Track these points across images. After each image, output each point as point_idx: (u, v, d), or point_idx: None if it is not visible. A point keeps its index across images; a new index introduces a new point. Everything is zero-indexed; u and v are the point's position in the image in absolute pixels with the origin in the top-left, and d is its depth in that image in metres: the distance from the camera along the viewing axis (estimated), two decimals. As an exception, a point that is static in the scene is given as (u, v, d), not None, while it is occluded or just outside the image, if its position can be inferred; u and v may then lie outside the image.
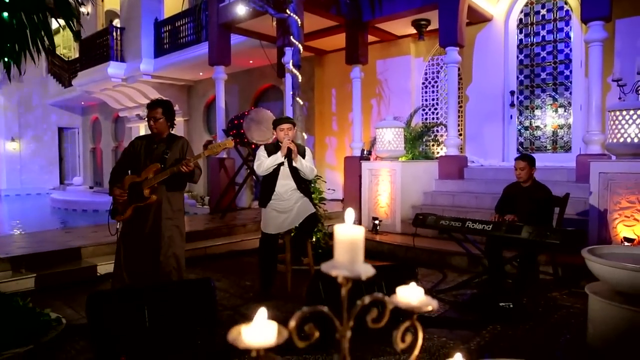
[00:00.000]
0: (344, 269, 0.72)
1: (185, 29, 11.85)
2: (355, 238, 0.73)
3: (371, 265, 0.77)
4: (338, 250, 0.74)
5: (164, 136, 3.69)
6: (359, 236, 0.74)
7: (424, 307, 0.84)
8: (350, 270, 0.72)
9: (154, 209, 3.57)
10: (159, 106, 3.63)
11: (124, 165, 3.74)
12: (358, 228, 0.74)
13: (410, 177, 6.68)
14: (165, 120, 3.64)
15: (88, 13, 15.04)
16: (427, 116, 9.16)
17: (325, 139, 11.00)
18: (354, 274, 0.72)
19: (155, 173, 3.53)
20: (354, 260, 0.73)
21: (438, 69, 8.99)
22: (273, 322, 0.72)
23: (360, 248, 0.74)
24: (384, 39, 9.20)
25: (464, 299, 4.16)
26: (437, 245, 5.48)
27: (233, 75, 12.55)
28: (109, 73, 12.88)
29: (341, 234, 0.73)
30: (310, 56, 10.71)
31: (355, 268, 0.72)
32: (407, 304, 0.85)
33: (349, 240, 0.73)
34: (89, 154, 18.77)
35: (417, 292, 0.86)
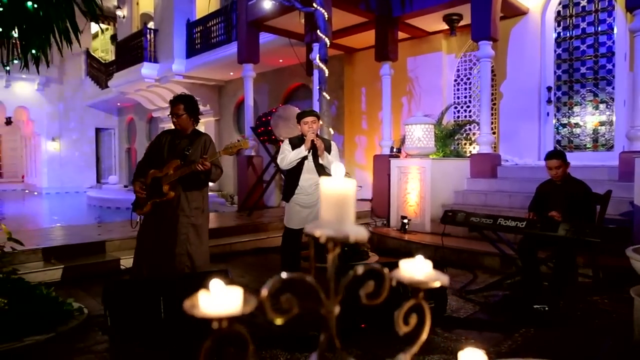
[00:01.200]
0: (329, 229, 0.60)
1: (216, 29, 11.96)
2: (343, 193, 0.61)
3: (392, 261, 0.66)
4: (324, 207, 0.62)
5: (188, 132, 3.65)
6: (349, 191, 0.62)
7: (431, 282, 0.72)
8: (337, 230, 0.60)
9: (172, 206, 3.53)
10: (180, 102, 3.59)
11: (148, 158, 3.72)
12: (348, 181, 0.63)
13: (440, 175, 6.46)
14: (188, 116, 3.59)
15: (124, 16, 15.44)
16: (459, 114, 8.89)
17: (355, 138, 10.86)
18: (341, 234, 0.61)
19: (175, 169, 3.48)
20: (341, 219, 0.61)
21: (471, 65, 8.71)
22: (238, 287, 0.61)
23: (350, 205, 0.63)
24: (415, 36, 9.00)
25: (494, 300, 3.95)
26: (468, 245, 5.26)
27: (263, 75, 12.59)
28: (142, 74, 13.15)
29: (327, 188, 0.61)
30: (339, 54, 10.60)
31: (343, 228, 0.61)
32: (410, 278, 0.72)
33: (337, 196, 0.61)
34: (124, 154, 19.26)
35: (423, 265, 0.73)
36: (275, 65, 11.91)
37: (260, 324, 3.37)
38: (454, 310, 3.67)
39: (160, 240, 3.50)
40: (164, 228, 3.51)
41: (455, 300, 3.92)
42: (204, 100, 14.46)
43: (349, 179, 0.67)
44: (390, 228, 6.77)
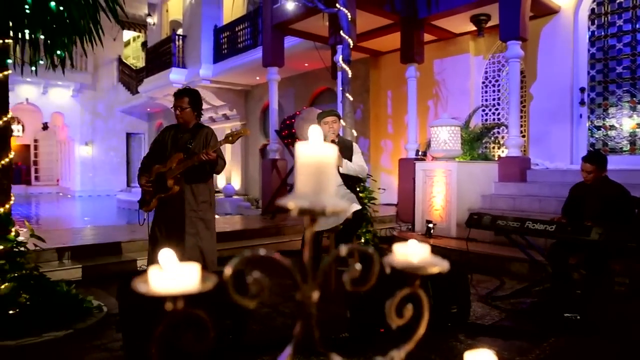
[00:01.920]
0: (303, 200, 0.53)
1: (242, 34, 12.09)
2: (321, 160, 0.54)
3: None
4: (299, 177, 0.55)
5: (190, 126, 3.62)
6: (328, 158, 0.54)
7: (428, 267, 0.63)
8: (313, 201, 0.53)
9: (178, 201, 3.50)
10: (186, 95, 3.58)
11: (153, 154, 3.70)
12: (327, 146, 0.55)
13: (466, 179, 6.28)
14: (191, 110, 3.57)
15: (154, 23, 15.80)
16: (487, 117, 8.67)
17: (381, 142, 10.74)
18: (317, 206, 0.53)
19: (178, 163, 3.46)
20: (319, 190, 0.53)
21: (499, 67, 8.49)
22: (195, 264, 0.54)
23: (329, 174, 0.55)
24: (442, 37, 8.84)
25: (522, 307, 3.77)
26: (495, 251, 5.07)
27: (289, 79, 12.63)
28: (170, 79, 13.39)
29: (303, 153, 0.54)
30: (365, 58, 10.53)
31: (321, 199, 0.53)
32: (405, 263, 0.64)
33: (314, 163, 0.54)
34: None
35: (419, 248, 0.65)
36: (301, 69, 11.93)
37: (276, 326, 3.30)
38: (479, 317, 3.52)
39: (170, 237, 3.48)
40: (172, 224, 3.49)
41: (481, 306, 3.76)
42: (230, 105, 14.61)
43: (371, 179, 0.60)
44: (415, 233, 6.61)
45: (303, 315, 0.62)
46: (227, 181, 15.20)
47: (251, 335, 3.13)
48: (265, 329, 3.27)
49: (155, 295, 0.52)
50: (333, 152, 0.55)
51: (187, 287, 0.52)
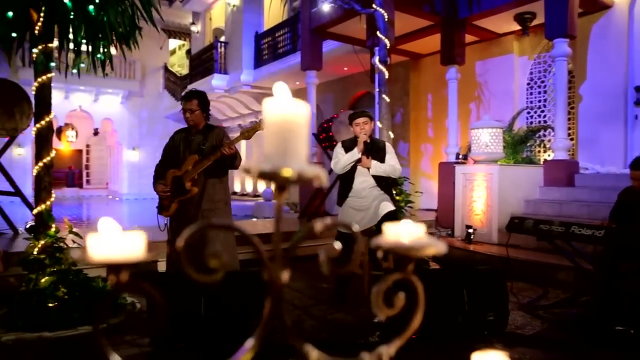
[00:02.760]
0: (268, 163, 0.47)
1: (283, 39, 12.21)
2: (290, 118, 0.48)
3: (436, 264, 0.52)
4: (266, 139, 0.49)
5: (201, 127, 3.62)
6: (298, 117, 0.48)
7: (422, 250, 0.56)
8: (277, 164, 0.47)
9: (195, 202, 3.50)
10: (195, 97, 3.58)
11: (165, 160, 3.71)
12: (298, 103, 0.49)
13: (509, 183, 6.02)
14: (201, 112, 3.58)
15: (198, 31, 16.25)
16: (532, 119, 8.31)
17: (421, 146, 10.53)
18: (280, 170, 0.47)
19: (194, 165, 3.46)
20: (284, 152, 0.47)
21: (545, 67, 8.13)
22: (140, 231, 0.49)
23: (299, 136, 0.49)
24: (484, 38, 8.57)
25: (567, 318, 3.54)
26: (538, 258, 4.81)
27: (328, 84, 12.64)
28: (212, 85, 13.70)
29: (269, 112, 0.48)
30: (404, 61, 10.38)
31: (286, 162, 0.47)
32: (394, 243, 0.57)
33: (281, 122, 0.48)
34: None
35: (412, 227, 0.57)
36: (340, 73, 11.90)
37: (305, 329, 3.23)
38: (519, 326, 3.32)
39: (191, 240, 3.47)
40: (190, 225, 3.49)
41: (522, 315, 3.56)
42: (270, 110, 14.78)
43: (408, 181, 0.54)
44: (455, 238, 6.40)
45: (272, 296, 0.56)
46: (267, 185, 15.36)
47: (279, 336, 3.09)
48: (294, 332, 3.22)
49: (94, 263, 0.47)
50: (304, 112, 0.49)
51: (130, 255, 0.47)
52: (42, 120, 3.35)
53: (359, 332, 3.21)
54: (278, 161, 0.46)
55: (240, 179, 17.13)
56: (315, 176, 0.49)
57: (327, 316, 3.57)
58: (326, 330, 3.27)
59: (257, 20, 13.45)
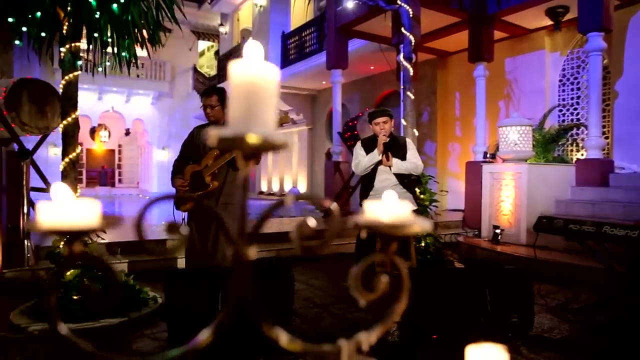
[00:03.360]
0: (232, 128, 0.44)
1: (309, 39, 12.22)
2: (256, 80, 0.44)
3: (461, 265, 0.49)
4: (232, 101, 0.45)
5: (221, 123, 3.59)
6: (266, 79, 0.45)
7: (403, 228, 0.52)
8: (241, 129, 0.43)
9: (215, 197, 3.48)
10: (215, 93, 3.57)
11: (184, 155, 3.69)
12: (266, 65, 0.45)
13: (539, 182, 5.83)
14: (221, 108, 3.56)
15: (226, 33, 16.44)
16: (564, 117, 8.04)
17: (448, 146, 10.35)
18: (243, 136, 0.43)
19: (214, 159, 3.45)
20: (249, 116, 0.44)
21: (579, 63, 7.85)
22: (93, 200, 0.47)
23: (267, 99, 0.45)
24: (514, 34, 8.35)
25: (598, 322, 3.38)
26: (568, 259, 4.63)
27: (354, 83, 12.59)
28: (240, 85, 13.83)
29: (235, 74, 0.45)
30: (432, 59, 10.23)
31: (251, 128, 0.43)
32: (372, 221, 0.53)
33: (245, 83, 0.44)
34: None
35: (395, 205, 0.53)
36: (367, 72, 11.83)
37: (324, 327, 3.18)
38: (547, 329, 3.20)
39: (205, 236, 3.47)
40: (208, 224, 3.47)
41: (549, 319, 3.42)
42: (297, 110, 14.82)
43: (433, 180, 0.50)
44: (482, 239, 6.24)
45: (237, 272, 0.52)
46: (293, 184, 15.41)
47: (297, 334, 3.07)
48: (312, 329, 3.19)
49: (44, 231, 0.45)
50: (274, 76, 0.46)
51: (82, 224, 0.45)
52: (69, 117, 3.43)
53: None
54: (242, 127, 0.43)
55: (267, 179, 17.24)
56: (283, 144, 0.46)
57: (347, 315, 3.53)
58: (345, 328, 3.22)
59: (283, 21, 13.52)
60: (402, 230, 0.51)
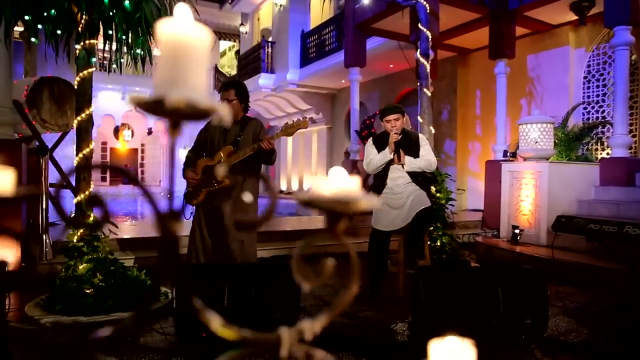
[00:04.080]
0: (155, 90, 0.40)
1: (329, 37, 12.19)
2: (184, 40, 0.41)
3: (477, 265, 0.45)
4: (159, 63, 0.42)
5: (238, 118, 3.56)
6: (194, 39, 0.41)
7: (346, 204, 0.48)
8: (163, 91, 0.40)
9: (225, 194, 3.44)
10: (232, 87, 3.53)
11: (198, 147, 3.66)
12: (197, 27, 0.42)
13: (560, 182, 5.65)
14: (238, 102, 3.51)
15: (246, 32, 16.54)
16: (589, 115, 7.80)
17: (469, 144, 10.17)
18: (163, 98, 0.40)
19: (228, 155, 3.42)
20: (176, 79, 0.40)
21: (605, 59, 7.60)
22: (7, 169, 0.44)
23: (194, 60, 0.42)
24: (537, 30, 8.14)
25: (619, 327, 3.24)
26: (589, 261, 4.48)
27: (374, 81, 12.50)
28: (259, 84, 13.89)
29: (164, 33, 0.41)
30: (452, 56, 10.07)
31: (176, 90, 0.40)
32: (313, 196, 0.49)
33: (172, 44, 0.41)
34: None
35: (340, 180, 0.49)
36: (386, 70, 11.73)
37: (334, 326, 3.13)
38: (563, 332, 3.09)
39: (214, 230, 3.45)
40: (218, 218, 3.44)
41: (567, 321, 3.31)
42: (316, 109, 14.80)
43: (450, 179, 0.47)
44: (500, 239, 6.10)
45: (166, 245, 0.49)
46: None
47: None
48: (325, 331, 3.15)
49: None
50: (204, 37, 0.42)
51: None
52: (83, 114, 3.48)
53: (388, 330, 3.10)
54: (165, 90, 0.40)
55: (287, 178, 17.27)
56: (211, 109, 0.42)
57: (358, 314, 3.47)
58: (354, 327, 3.18)
59: (303, 20, 13.53)
60: (346, 207, 0.47)
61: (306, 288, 0.54)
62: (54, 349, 0.70)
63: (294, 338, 0.52)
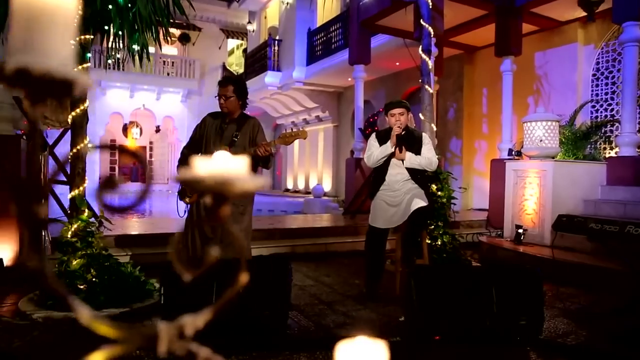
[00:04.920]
0: (7, 57, 0.36)
1: (335, 35, 12.12)
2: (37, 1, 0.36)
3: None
4: (11, 27, 0.37)
5: (235, 116, 3.46)
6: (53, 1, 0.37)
7: (224, 184, 0.43)
8: (12, 58, 0.35)
9: (220, 194, 3.39)
10: (230, 83, 3.40)
11: (193, 143, 3.58)
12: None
13: (565, 181, 5.54)
14: (236, 99, 3.39)
15: (253, 30, 16.52)
16: (597, 113, 7.66)
17: (475, 143, 10.06)
18: (15, 63, 0.35)
19: None
20: (29, 42, 0.36)
21: (614, 55, 7.45)
22: None
23: (52, 24, 0.37)
24: (545, 27, 8.01)
25: (621, 329, 3.16)
26: (594, 262, 4.38)
27: (380, 79, 12.42)
28: (265, 82, 13.86)
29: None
30: (459, 54, 9.97)
31: (29, 56, 0.35)
32: (193, 176, 0.44)
33: (27, 5, 0.36)
34: (252, 160, 20.46)
35: (222, 160, 0.44)
36: (393, 68, 11.63)
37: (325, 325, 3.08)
38: (562, 334, 3.01)
39: (207, 230, 3.37)
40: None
41: (566, 323, 3.22)
42: (323, 107, 14.74)
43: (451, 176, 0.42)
44: (504, 239, 6.00)
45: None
46: (318, 182, 15.35)
47: (295, 329, 2.99)
48: (312, 325, 3.10)
49: None
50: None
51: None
52: (77, 109, 3.46)
53: (380, 330, 3.05)
54: (15, 56, 0.35)
55: (293, 176, 17.24)
56: (74, 78, 0.38)
57: (352, 312, 3.42)
58: (347, 326, 3.13)
59: (309, 17, 13.47)
60: (225, 187, 0.42)
61: (187, 278, 0.50)
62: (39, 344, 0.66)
63: (173, 334, 0.48)
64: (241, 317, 2.63)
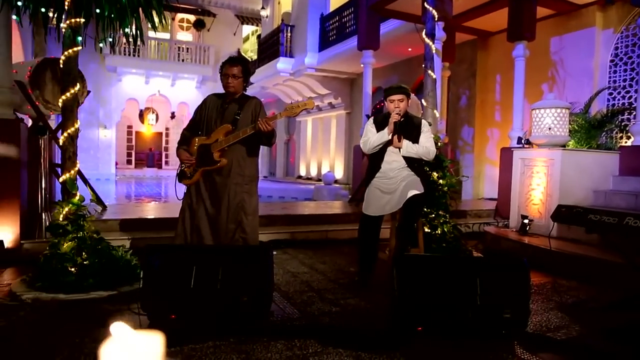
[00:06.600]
0: None
1: (347, 20, 11.94)
2: None
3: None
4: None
5: (237, 96, 3.45)
6: None
7: None
8: None
9: (224, 174, 3.34)
10: (239, 63, 3.40)
11: (195, 124, 3.55)
12: None
13: (574, 170, 5.36)
14: (242, 80, 3.41)
15: (267, 16, 16.40)
16: (614, 101, 7.37)
17: (487, 131, 9.83)
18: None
19: (225, 135, 3.31)
20: None
21: (635, 40, 7.14)
22: None
23: None
24: (561, 11, 7.72)
25: (618, 324, 3.04)
26: (595, 254, 4.23)
27: (393, 65, 12.23)
28: (277, 68, 13.77)
29: None
30: (472, 40, 9.72)
31: None
32: None
33: None
34: (265, 147, 20.49)
35: None
36: (405, 54, 11.43)
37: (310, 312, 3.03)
38: (552, 328, 2.91)
39: (210, 211, 3.34)
40: (214, 198, 3.37)
41: (560, 317, 3.12)
42: (335, 93, 14.60)
43: None
44: (509, 229, 5.86)
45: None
46: (330, 169, 15.28)
47: (277, 317, 2.96)
48: (298, 313, 3.07)
49: None
50: None
51: None
52: (67, 92, 3.46)
53: (366, 319, 3.00)
54: None
55: (306, 164, 17.20)
56: None
57: (340, 300, 3.38)
58: (333, 314, 3.08)
59: (322, 2, 13.28)
60: None
61: None
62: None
63: None
64: (219, 302, 2.61)
